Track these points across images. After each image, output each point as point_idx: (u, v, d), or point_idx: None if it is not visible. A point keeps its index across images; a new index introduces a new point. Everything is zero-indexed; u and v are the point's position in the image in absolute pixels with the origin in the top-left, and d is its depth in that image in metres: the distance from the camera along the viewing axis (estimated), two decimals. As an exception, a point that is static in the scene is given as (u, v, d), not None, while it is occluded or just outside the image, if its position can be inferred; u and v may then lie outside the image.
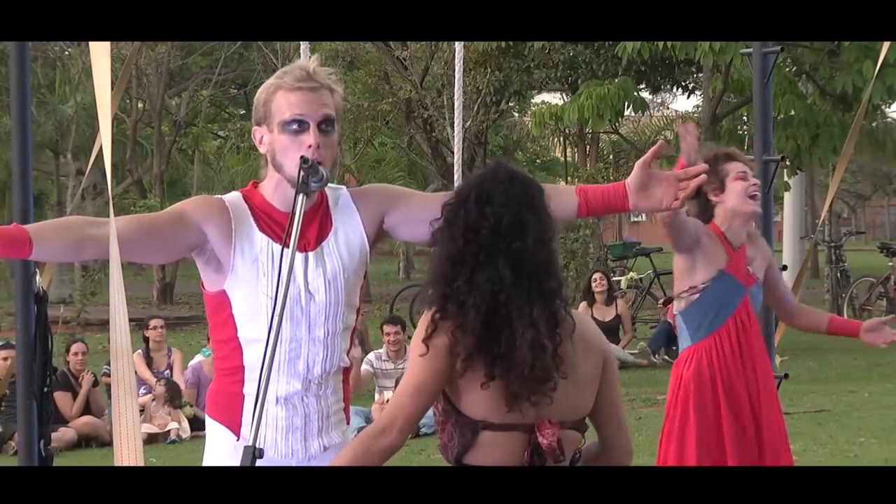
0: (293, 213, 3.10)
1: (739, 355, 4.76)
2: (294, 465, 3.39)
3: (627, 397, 10.79)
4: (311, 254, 3.36)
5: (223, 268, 3.33)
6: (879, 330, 4.94)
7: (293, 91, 3.32)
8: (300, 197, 3.11)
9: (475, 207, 3.08)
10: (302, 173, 3.13)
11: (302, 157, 3.18)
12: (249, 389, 3.35)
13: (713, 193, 4.83)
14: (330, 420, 3.45)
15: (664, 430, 4.86)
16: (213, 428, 3.46)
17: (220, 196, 3.44)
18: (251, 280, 3.31)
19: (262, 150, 3.38)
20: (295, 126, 3.30)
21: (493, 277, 3.03)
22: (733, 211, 4.82)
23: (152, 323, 12.04)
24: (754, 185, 4.84)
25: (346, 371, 3.49)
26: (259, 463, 3.25)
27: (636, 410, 10.59)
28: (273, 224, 3.36)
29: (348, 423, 3.54)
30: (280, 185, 3.37)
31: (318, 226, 3.39)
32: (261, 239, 3.33)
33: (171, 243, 3.33)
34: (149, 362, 11.71)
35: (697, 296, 4.79)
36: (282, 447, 3.38)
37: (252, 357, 3.33)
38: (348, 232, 3.43)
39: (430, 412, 3.17)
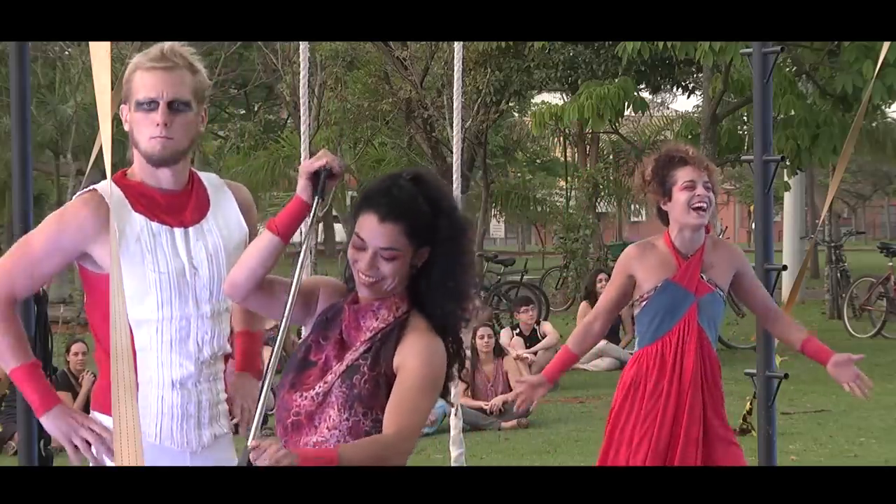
0: (312, 219, 3.14)
1: (678, 364, 4.82)
2: (188, 455, 3.49)
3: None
4: (190, 229, 3.48)
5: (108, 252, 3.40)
6: (847, 366, 4.90)
7: (148, 71, 3.46)
8: (316, 200, 3.11)
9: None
10: (321, 182, 3.11)
11: (323, 166, 3.12)
12: (143, 377, 3.42)
13: (662, 202, 4.85)
14: (218, 408, 3.56)
15: (607, 429, 4.96)
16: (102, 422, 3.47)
17: (92, 190, 3.49)
18: (137, 259, 3.42)
19: (125, 127, 3.51)
20: (145, 105, 3.44)
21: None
22: (677, 221, 4.83)
23: (152, 323, 12.02)
24: (699, 195, 4.76)
25: (227, 359, 3.60)
26: (154, 453, 3.36)
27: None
28: (146, 202, 3.47)
29: (231, 416, 3.64)
30: (142, 162, 3.49)
31: (194, 203, 3.51)
32: (139, 219, 3.44)
33: (56, 270, 3.51)
34: (149, 362, 11.69)
35: (645, 303, 4.88)
36: (177, 436, 3.47)
37: (143, 340, 3.42)
38: (226, 211, 3.57)
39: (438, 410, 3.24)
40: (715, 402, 4.90)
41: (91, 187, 3.50)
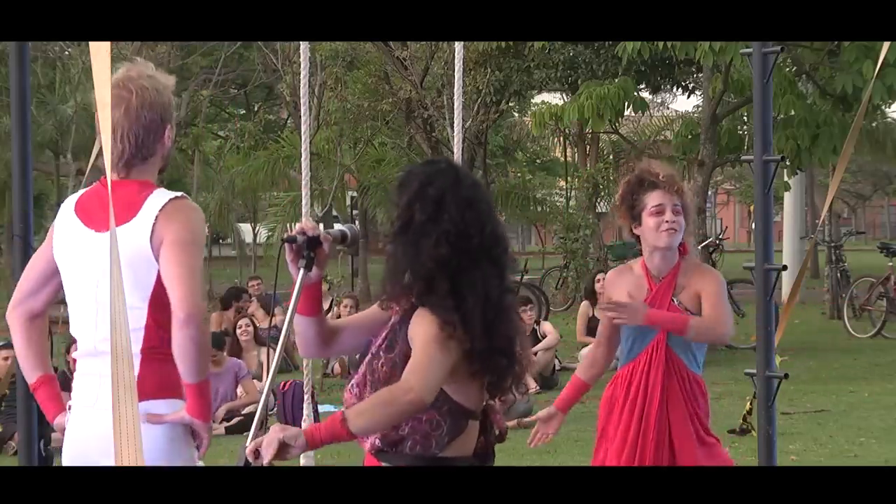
0: (298, 287, 3.27)
1: (642, 391, 4.83)
2: None
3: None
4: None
5: None
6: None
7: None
8: (301, 271, 3.25)
9: (457, 214, 3.17)
10: (304, 252, 3.24)
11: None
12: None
13: (633, 226, 4.86)
14: None
15: (596, 441, 5.12)
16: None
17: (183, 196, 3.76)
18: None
19: (166, 144, 3.79)
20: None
21: (481, 282, 3.18)
22: (649, 244, 4.83)
23: (152, 323, 12.01)
24: (668, 221, 4.75)
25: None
26: None
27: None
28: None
29: None
30: (151, 173, 3.79)
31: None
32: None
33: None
34: (149, 362, 11.70)
35: (621, 326, 4.91)
36: None
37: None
38: None
39: None
40: (700, 413, 4.88)
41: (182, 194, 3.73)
